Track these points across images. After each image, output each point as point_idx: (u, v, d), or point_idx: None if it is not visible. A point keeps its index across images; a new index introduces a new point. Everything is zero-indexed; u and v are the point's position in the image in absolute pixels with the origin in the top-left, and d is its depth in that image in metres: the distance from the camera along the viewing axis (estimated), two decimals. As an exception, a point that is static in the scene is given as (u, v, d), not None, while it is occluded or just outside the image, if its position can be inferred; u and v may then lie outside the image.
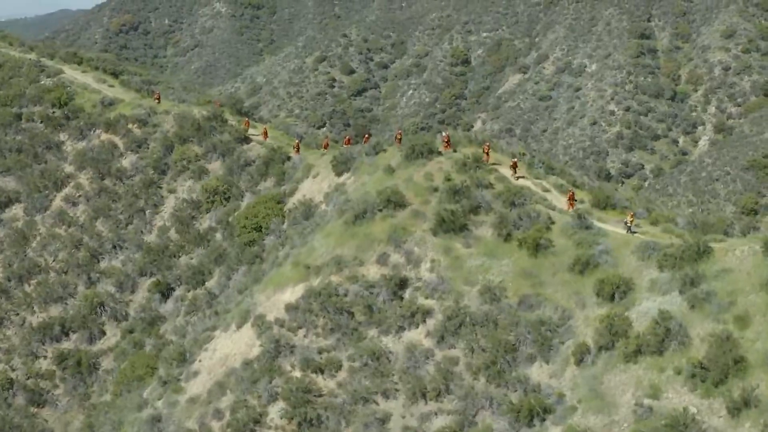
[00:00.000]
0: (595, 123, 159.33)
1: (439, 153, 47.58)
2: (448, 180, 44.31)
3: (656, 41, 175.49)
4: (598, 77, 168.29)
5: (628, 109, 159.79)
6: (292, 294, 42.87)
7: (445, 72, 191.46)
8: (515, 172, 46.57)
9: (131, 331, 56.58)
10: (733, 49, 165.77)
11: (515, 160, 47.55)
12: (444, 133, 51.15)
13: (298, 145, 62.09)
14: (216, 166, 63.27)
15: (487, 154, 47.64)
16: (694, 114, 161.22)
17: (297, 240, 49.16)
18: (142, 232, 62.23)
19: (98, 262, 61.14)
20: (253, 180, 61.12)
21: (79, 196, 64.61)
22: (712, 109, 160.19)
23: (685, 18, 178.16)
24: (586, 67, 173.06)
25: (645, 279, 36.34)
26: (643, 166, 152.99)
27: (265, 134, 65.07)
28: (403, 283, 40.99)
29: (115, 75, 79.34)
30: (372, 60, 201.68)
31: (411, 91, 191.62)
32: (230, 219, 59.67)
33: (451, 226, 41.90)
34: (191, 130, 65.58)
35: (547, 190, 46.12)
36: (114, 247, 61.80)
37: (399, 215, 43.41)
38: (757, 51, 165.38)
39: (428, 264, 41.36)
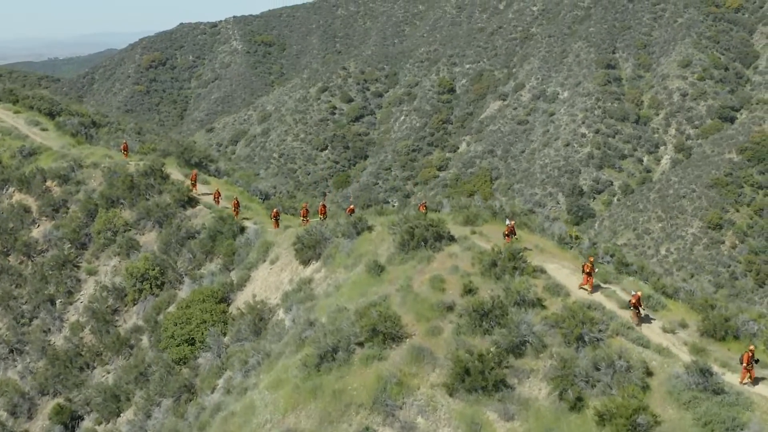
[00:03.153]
0: (568, 144, 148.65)
1: (451, 238, 28.38)
2: (469, 291, 24.75)
3: (621, 71, 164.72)
4: (570, 103, 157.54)
5: (597, 132, 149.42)
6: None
7: (433, 99, 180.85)
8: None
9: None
10: (689, 77, 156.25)
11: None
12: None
13: (276, 215, 39.70)
14: (150, 238, 42.19)
15: (508, 236, 29.07)
16: (656, 135, 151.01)
17: (237, 375, 28.26)
18: (49, 330, 41.14)
19: (-12, 372, 40.40)
20: (195, 260, 39.65)
21: (-27, 278, 43.45)
22: (672, 131, 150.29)
23: (646, 50, 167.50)
24: (558, 94, 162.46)
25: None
26: (612, 182, 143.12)
27: (218, 196, 43.35)
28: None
29: (51, 116, 58.74)
30: (368, 89, 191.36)
31: (403, 117, 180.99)
32: (160, 317, 37.41)
33: (479, 380, 22.02)
34: (122, 190, 44.19)
35: (622, 306, 25.14)
36: (12, 351, 41.09)
37: (392, 356, 23.36)
38: (711, 79, 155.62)
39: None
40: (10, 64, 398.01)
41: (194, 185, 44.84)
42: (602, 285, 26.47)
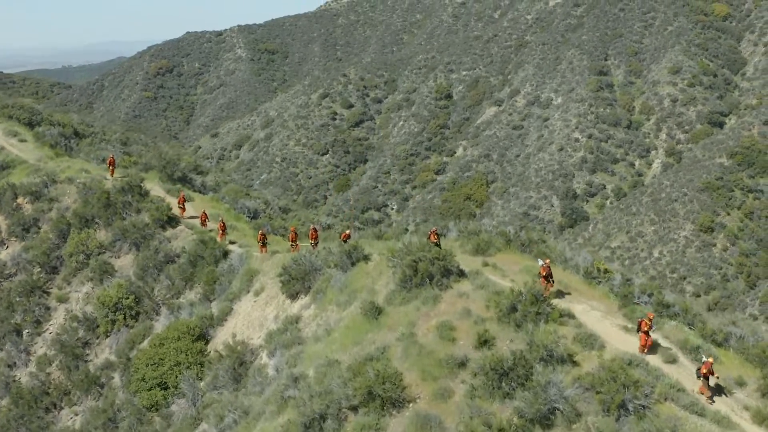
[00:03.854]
0: (562, 149, 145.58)
1: (461, 273, 22.95)
2: (485, 342, 19.72)
3: (613, 77, 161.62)
4: (564, 109, 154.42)
5: (590, 137, 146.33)
6: None
7: (431, 105, 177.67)
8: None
9: None
10: (679, 84, 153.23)
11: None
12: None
13: (262, 238, 33.92)
14: (126, 262, 36.80)
15: (545, 279, 22.56)
16: (647, 140, 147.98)
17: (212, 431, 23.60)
18: (14, 364, 35.78)
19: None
20: (174, 288, 34.29)
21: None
22: (663, 135, 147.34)
23: (637, 57, 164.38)
24: (552, 100, 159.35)
25: None
26: (605, 186, 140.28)
27: (204, 218, 37.74)
28: None
29: (31, 126, 52.67)
30: (368, 96, 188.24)
31: (402, 122, 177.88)
32: (134, 352, 31.97)
33: None
34: (97, 208, 38.61)
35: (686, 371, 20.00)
36: (-27, 388, 35.73)
37: (391, 425, 18.53)
38: (700, 85, 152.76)
39: None
40: (27, 71, 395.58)
41: (182, 209, 38.93)
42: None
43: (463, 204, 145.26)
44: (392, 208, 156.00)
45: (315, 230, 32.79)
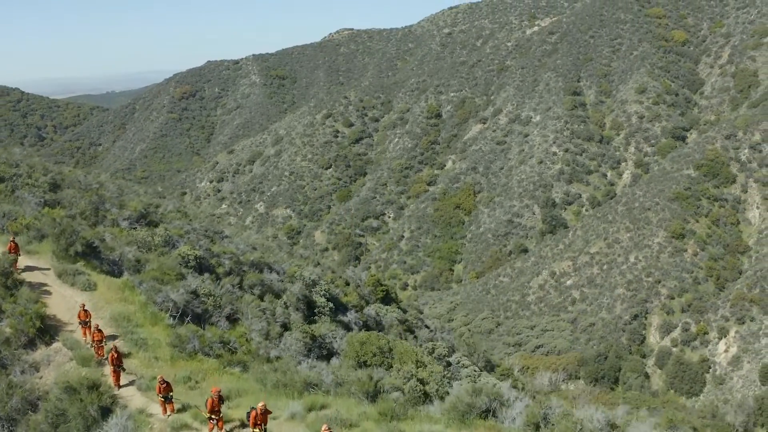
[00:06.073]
0: (541, 162, 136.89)
1: None
2: None
3: (585, 97, 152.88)
4: (542, 126, 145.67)
5: (566, 150, 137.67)
6: None
7: (423, 123, 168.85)
8: None
9: None
10: (645, 102, 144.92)
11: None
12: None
13: (163, 389, 16.97)
14: None
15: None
16: (617, 153, 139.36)
17: None
18: None
19: None
20: None
21: None
22: (631, 149, 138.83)
23: (607, 78, 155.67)
24: (532, 118, 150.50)
25: None
26: (580, 195, 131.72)
27: (85, 318, 19.74)
28: None
29: None
30: (366, 115, 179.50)
31: (397, 139, 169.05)
32: None
33: None
34: None
35: None
36: None
37: None
38: (663, 103, 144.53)
39: None
40: (74, 97, 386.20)
41: (15, 263, 22.55)
42: None
43: (453, 212, 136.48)
44: (389, 217, 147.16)
45: (265, 411, 15.22)
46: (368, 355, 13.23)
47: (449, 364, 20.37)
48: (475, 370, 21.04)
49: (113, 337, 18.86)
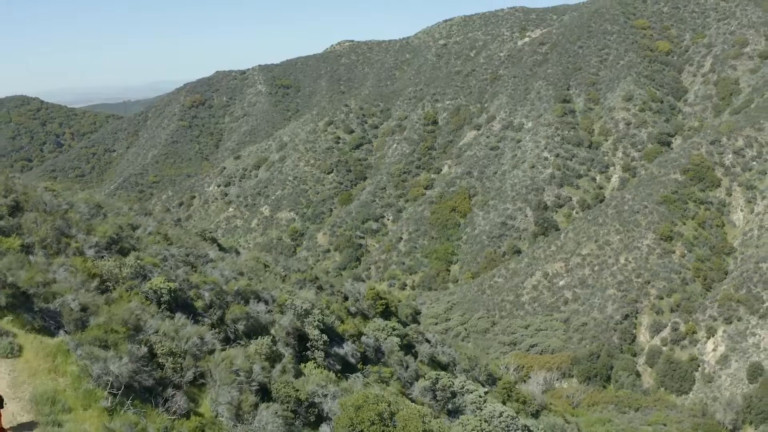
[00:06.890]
0: (533, 166, 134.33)
1: None
2: None
3: (575, 104, 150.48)
4: (534, 132, 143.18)
5: (557, 155, 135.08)
6: None
7: (420, 130, 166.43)
8: None
9: None
10: (632, 109, 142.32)
11: None
12: None
13: None
14: None
15: None
16: (606, 158, 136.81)
17: None
18: None
19: None
20: None
21: None
22: (619, 154, 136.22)
23: (595, 87, 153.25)
24: (524, 124, 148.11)
25: None
26: (571, 198, 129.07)
27: None
28: None
29: None
30: (366, 122, 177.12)
31: (395, 145, 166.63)
32: None
33: None
34: None
35: None
36: None
37: None
38: (649, 110, 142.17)
39: None
40: (91, 105, 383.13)
41: None
42: None
43: (449, 215, 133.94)
44: (388, 219, 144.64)
45: None
46: (365, 423, 10.67)
47: (453, 395, 18.13)
48: (480, 396, 18.77)
49: (30, 427, 11.88)
